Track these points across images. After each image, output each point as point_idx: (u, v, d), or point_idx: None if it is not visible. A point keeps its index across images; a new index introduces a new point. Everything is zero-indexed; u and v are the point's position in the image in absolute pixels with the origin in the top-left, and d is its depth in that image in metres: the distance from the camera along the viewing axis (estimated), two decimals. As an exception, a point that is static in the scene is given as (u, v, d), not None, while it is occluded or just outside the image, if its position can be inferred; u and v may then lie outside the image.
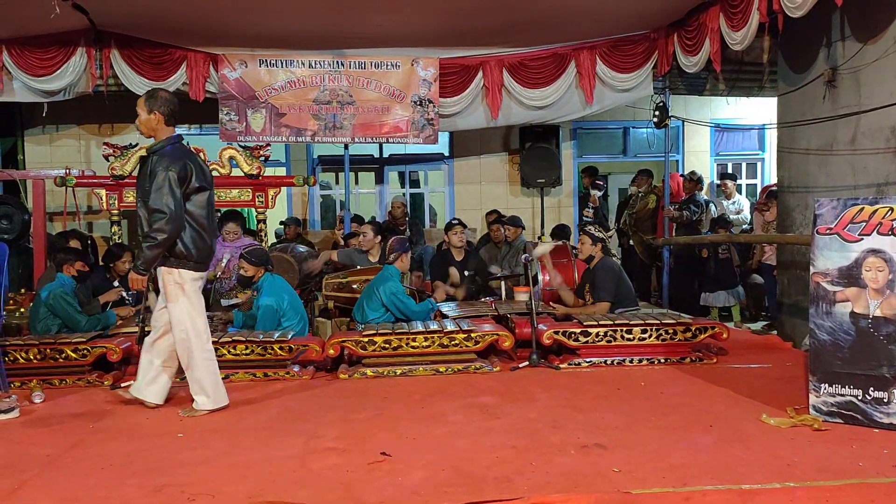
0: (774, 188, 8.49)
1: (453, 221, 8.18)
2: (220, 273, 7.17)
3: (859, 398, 4.02)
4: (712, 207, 9.93)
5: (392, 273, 6.23)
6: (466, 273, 7.56)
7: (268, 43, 8.84)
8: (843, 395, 4.07)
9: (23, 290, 7.68)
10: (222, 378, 5.44)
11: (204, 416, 4.55)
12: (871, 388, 3.98)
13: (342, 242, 8.78)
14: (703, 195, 10.13)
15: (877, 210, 4.02)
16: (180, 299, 4.56)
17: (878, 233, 3.99)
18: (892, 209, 3.97)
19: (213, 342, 5.42)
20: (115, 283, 6.77)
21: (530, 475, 3.42)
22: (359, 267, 7.29)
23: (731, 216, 9.65)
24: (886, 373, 3.94)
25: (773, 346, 6.55)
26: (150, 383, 4.72)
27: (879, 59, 6.06)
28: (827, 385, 4.11)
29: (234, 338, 5.47)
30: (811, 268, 4.22)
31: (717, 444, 3.80)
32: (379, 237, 7.56)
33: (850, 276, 4.06)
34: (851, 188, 6.45)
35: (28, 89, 8.62)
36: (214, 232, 4.83)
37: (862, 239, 4.04)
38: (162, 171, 4.41)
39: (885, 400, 3.95)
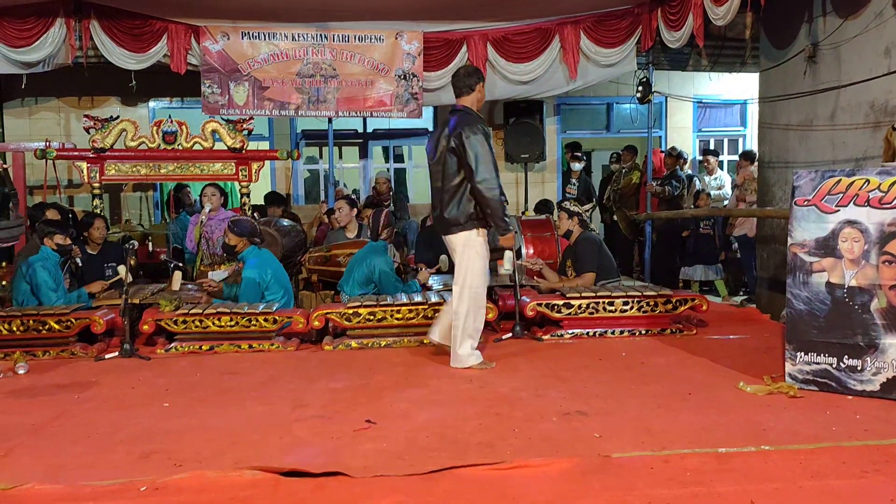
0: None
1: None
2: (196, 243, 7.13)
3: (834, 366, 4.11)
4: (696, 182, 10.01)
5: (384, 248, 6.25)
6: None
7: (250, 15, 8.75)
8: (818, 364, 4.15)
9: (3, 264, 7.62)
10: (207, 349, 5.50)
11: (189, 385, 4.61)
12: (846, 357, 4.07)
13: (326, 220, 8.72)
14: (687, 169, 10.19)
15: (853, 181, 4.08)
16: None
17: (855, 204, 4.05)
18: (868, 181, 4.04)
19: (197, 314, 5.47)
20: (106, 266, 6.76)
21: (513, 441, 3.48)
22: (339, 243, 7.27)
23: (713, 192, 9.73)
24: (860, 341, 4.03)
25: (752, 318, 6.65)
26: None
27: (859, 35, 6.12)
28: (803, 353, 4.19)
29: (218, 309, 5.48)
30: (789, 239, 4.28)
31: (695, 411, 3.88)
32: (355, 210, 7.53)
33: (827, 246, 4.13)
34: (831, 163, 6.52)
35: (6, 61, 8.48)
36: None
37: (839, 210, 4.10)
38: None
39: (859, 368, 4.04)
